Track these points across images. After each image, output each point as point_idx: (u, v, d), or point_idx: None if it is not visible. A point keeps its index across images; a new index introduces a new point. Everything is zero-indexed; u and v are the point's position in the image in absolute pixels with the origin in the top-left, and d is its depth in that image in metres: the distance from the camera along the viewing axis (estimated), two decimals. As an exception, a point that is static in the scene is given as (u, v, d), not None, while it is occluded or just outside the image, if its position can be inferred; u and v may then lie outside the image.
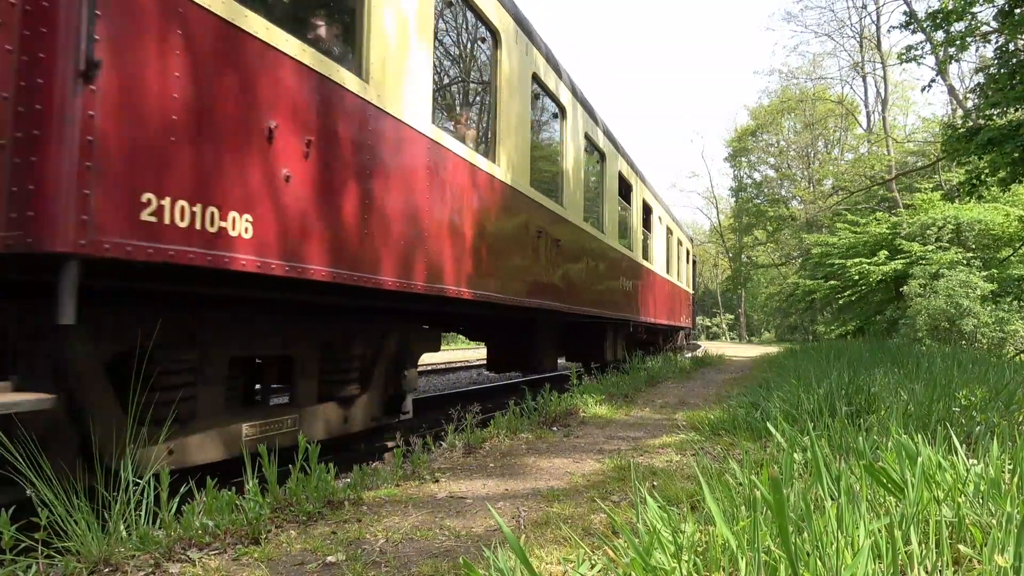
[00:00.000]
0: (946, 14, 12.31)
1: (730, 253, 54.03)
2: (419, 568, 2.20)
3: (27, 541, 2.17)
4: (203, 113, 2.77)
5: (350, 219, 3.72)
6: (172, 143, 2.63)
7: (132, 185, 2.48)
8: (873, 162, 33.61)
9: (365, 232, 3.85)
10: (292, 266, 3.24)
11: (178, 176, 2.65)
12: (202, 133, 2.77)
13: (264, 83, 3.08)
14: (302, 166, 3.32)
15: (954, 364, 6.70)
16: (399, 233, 4.22)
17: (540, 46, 7.02)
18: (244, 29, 2.95)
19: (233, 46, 2.91)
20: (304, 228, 3.34)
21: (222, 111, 2.87)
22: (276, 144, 3.12)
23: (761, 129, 47.72)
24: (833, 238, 27.14)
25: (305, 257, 3.34)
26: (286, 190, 3.20)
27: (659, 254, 14.79)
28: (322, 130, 3.47)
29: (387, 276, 4.08)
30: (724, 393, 7.64)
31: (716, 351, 20.25)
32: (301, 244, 3.31)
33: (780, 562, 1.58)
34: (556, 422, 5.41)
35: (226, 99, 2.88)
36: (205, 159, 2.78)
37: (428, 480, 3.48)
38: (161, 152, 2.59)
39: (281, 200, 3.18)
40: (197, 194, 2.73)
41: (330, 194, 3.56)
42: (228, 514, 2.58)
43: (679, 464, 3.69)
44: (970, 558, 1.78)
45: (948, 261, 20.67)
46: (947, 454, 2.42)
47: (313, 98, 3.41)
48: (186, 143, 2.69)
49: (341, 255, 3.64)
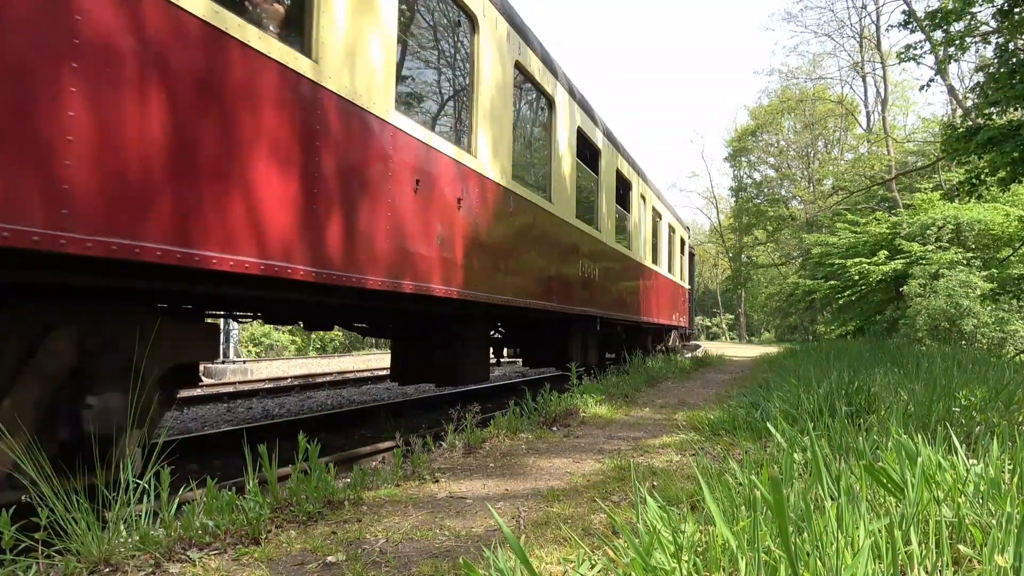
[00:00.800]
0: (945, 14, 12.32)
1: (730, 253, 54.04)
2: (419, 568, 2.20)
3: (27, 541, 2.17)
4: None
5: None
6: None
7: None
8: (873, 162, 33.64)
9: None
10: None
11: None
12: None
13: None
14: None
15: (954, 364, 6.70)
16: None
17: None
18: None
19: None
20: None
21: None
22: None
23: (761, 129, 47.76)
24: (833, 238, 27.17)
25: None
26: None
27: (642, 240, 12.61)
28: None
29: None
30: (724, 393, 7.64)
31: (716, 351, 20.25)
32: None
33: (780, 562, 1.58)
34: (556, 422, 5.41)
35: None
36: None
37: (428, 480, 3.48)
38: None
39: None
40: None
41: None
42: (228, 514, 2.58)
43: (679, 464, 3.69)
44: (970, 558, 1.78)
45: (948, 261, 20.69)
46: (947, 454, 2.42)
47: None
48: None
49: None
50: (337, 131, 3.96)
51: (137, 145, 2.76)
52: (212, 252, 3.08)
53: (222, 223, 3.15)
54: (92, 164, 2.59)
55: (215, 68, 3.12)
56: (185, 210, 2.96)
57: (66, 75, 2.49)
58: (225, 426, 8.06)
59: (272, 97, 3.45)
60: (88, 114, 2.57)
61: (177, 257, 2.90)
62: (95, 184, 2.60)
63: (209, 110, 3.11)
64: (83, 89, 2.54)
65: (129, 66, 2.72)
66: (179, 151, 2.95)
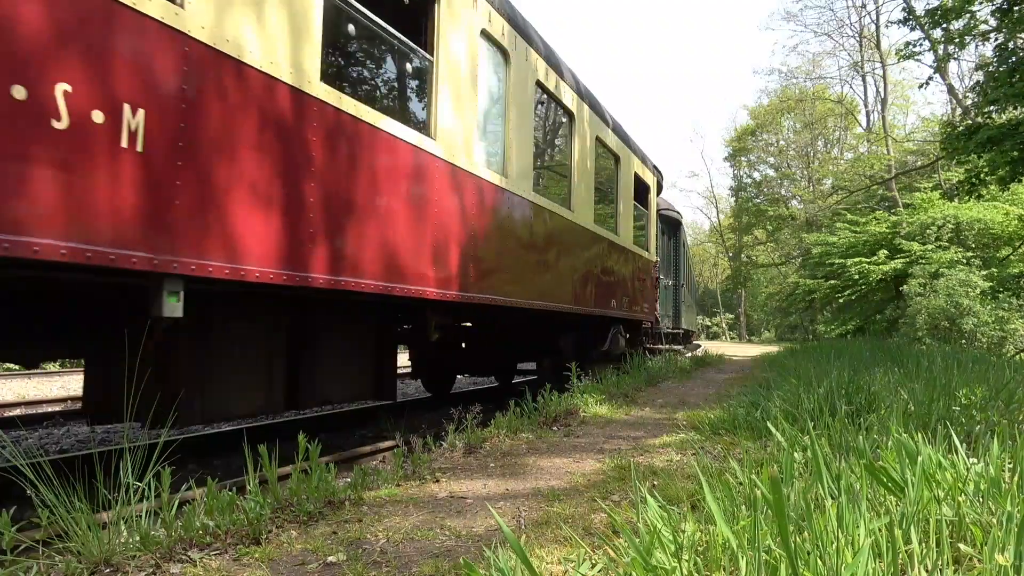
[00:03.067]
0: (944, 11, 12.32)
1: (730, 253, 54.05)
2: (420, 568, 2.20)
3: (27, 542, 2.17)
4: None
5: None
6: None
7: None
8: (873, 161, 33.63)
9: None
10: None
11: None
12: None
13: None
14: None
15: (954, 363, 6.70)
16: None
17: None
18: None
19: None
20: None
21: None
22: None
23: (761, 129, 47.79)
24: (833, 238, 27.16)
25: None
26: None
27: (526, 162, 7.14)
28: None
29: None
30: (724, 393, 7.64)
31: (716, 351, 20.25)
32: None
33: (780, 561, 1.58)
34: (556, 422, 5.41)
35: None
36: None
37: (429, 480, 3.48)
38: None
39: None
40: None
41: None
42: (229, 514, 2.58)
43: (679, 463, 3.69)
44: (970, 557, 1.78)
45: (948, 260, 20.70)
46: (947, 453, 2.42)
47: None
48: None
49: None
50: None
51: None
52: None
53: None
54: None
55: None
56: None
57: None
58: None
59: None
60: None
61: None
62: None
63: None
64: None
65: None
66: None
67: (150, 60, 2.94)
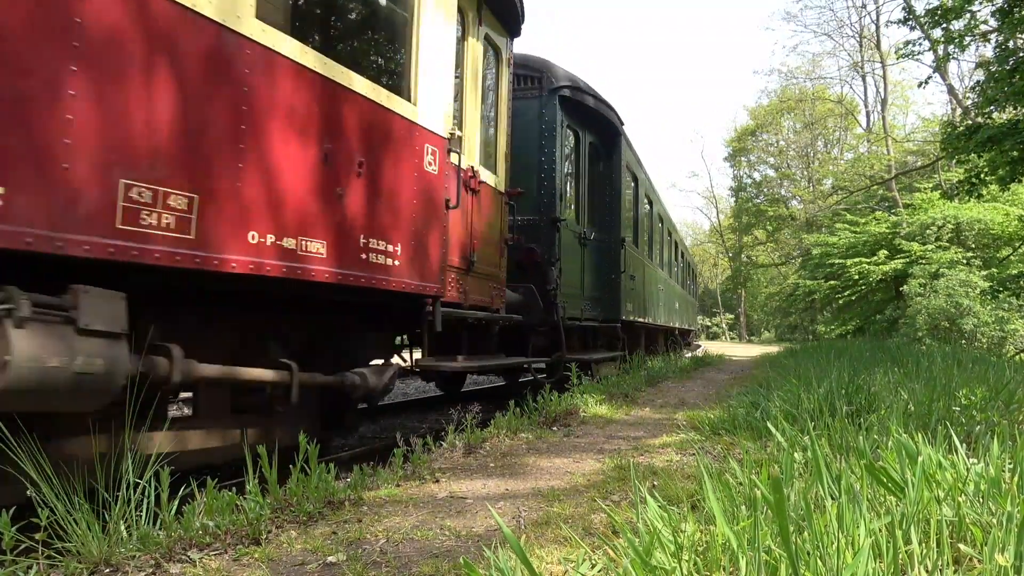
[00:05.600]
0: (944, 11, 12.33)
1: (730, 253, 54.06)
2: (420, 568, 2.20)
3: (27, 542, 2.17)
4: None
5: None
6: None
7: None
8: (873, 161, 33.64)
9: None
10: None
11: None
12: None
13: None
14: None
15: (954, 363, 6.70)
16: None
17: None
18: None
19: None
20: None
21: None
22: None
23: (761, 129, 47.82)
24: (833, 238, 27.16)
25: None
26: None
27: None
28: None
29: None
30: (724, 393, 7.64)
31: (716, 351, 20.26)
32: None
33: (780, 561, 1.58)
34: (556, 422, 5.41)
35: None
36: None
37: (428, 480, 3.48)
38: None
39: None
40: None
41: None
42: (228, 514, 2.58)
43: (679, 464, 3.69)
44: (970, 557, 1.78)
45: (948, 260, 20.70)
46: (947, 453, 2.42)
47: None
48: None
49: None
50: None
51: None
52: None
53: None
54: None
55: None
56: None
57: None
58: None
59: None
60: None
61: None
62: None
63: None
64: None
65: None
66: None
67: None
